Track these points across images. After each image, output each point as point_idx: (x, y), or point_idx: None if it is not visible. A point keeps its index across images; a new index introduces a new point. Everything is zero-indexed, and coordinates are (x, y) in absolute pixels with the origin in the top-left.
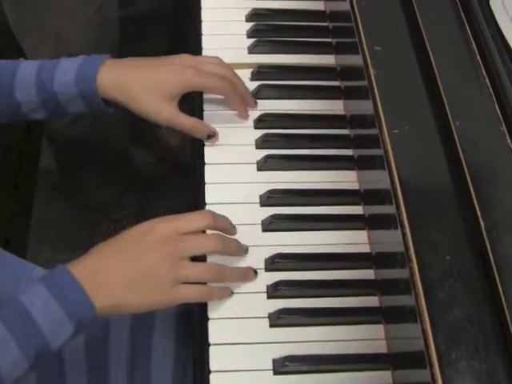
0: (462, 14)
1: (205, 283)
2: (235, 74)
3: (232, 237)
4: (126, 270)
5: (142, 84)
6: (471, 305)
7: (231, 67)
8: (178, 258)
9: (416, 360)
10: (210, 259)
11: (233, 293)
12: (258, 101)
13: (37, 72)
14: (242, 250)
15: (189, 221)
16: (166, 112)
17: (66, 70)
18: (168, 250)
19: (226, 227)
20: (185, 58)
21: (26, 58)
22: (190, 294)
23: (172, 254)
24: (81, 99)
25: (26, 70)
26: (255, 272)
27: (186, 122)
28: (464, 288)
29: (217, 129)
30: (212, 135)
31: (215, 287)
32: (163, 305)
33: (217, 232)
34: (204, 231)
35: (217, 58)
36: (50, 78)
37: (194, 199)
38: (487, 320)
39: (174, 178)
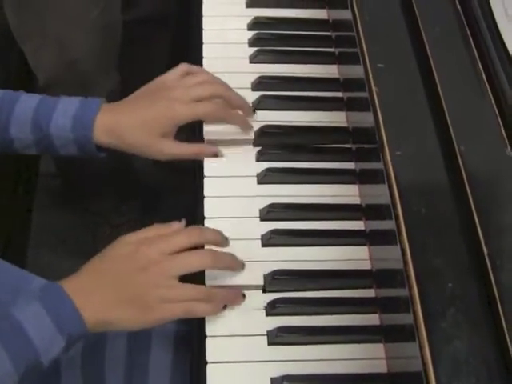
0: (468, 33)
1: None
2: (227, 88)
3: (228, 252)
4: (114, 289)
5: (137, 129)
6: (473, 336)
7: (222, 81)
8: (164, 278)
9: (416, 380)
10: (207, 274)
11: (226, 306)
12: (259, 112)
13: (35, 110)
14: (238, 265)
15: (174, 240)
16: (165, 149)
17: (63, 113)
18: (155, 272)
19: (217, 241)
20: (176, 89)
21: (27, 61)
22: (174, 311)
23: (159, 275)
24: (75, 145)
25: (25, 106)
26: (243, 295)
27: (188, 151)
28: (466, 318)
29: (217, 141)
30: (217, 155)
31: (200, 302)
32: (150, 323)
33: (208, 247)
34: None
35: (205, 73)
36: (47, 119)
37: (192, 213)
38: (489, 352)
39: (174, 183)
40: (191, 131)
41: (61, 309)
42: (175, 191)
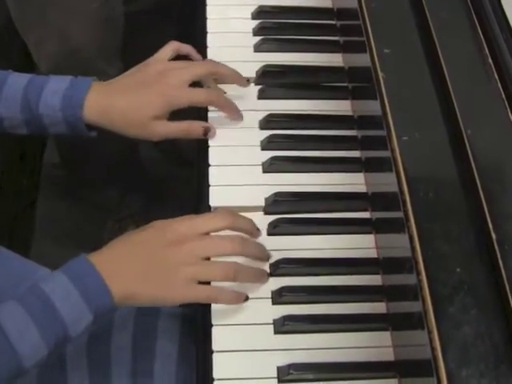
0: (475, 18)
1: None
2: (218, 64)
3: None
4: (143, 264)
5: (128, 110)
6: (482, 321)
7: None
8: (193, 257)
9: (423, 368)
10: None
11: (248, 298)
12: (264, 101)
13: (24, 89)
14: (265, 255)
15: (208, 221)
16: (156, 130)
17: (53, 92)
18: (185, 250)
19: (249, 229)
20: (168, 74)
21: (29, 52)
22: (198, 294)
23: (188, 253)
24: (64, 124)
25: (14, 85)
26: (268, 274)
27: (178, 129)
28: (474, 303)
29: (222, 129)
30: (207, 130)
31: (226, 290)
32: (173, 301)
33: (238, 233)
34: None
35: (197, 55)
36: (36, 98)
37: (197, 202)
38: (498, 337)
39: (180, 175)
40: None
41: (88, 281)
42: (180, 182)
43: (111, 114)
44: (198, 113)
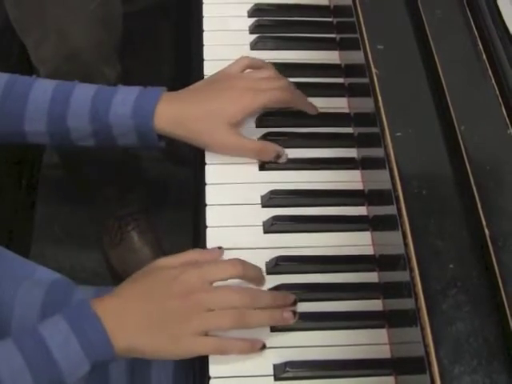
0: (469, 14)
1: None
2: (291, 84)
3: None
4: (148, 316)
5: (203, 117)
6: (475, 317)
7: (285, 78)
8: (202, 310)
9: (417, 365)
10: None
11: (265, 346)
12: None
13: (92, 99)
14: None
15: (218, 270)
16: (229, 142)
17: (123, 102)
18: (193, 303)
19: (256, 278)
20: (242, 79)
21: (27, 54)
22: (206, 347)
23: (197, 306)
24: (135, 133)
25: (81, 96)
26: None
27: (251, 146)
28: (467, 299)
29: None
30: (280, 155)
31: (237, 340)
32: (179, 356)
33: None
34: None
35: (268, 67)
36: (105, 108)
37: (194, 200)
38: (491, 333)
39: (179, 174)
40: None
41: (91, 334)
42: (179, 181)
43: (184, 123)
44: None
